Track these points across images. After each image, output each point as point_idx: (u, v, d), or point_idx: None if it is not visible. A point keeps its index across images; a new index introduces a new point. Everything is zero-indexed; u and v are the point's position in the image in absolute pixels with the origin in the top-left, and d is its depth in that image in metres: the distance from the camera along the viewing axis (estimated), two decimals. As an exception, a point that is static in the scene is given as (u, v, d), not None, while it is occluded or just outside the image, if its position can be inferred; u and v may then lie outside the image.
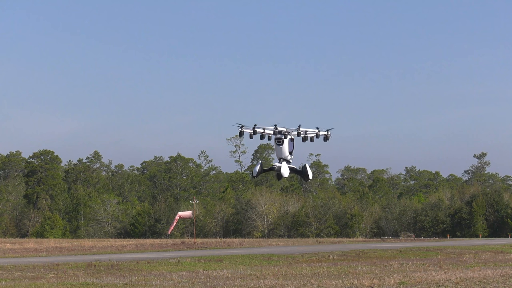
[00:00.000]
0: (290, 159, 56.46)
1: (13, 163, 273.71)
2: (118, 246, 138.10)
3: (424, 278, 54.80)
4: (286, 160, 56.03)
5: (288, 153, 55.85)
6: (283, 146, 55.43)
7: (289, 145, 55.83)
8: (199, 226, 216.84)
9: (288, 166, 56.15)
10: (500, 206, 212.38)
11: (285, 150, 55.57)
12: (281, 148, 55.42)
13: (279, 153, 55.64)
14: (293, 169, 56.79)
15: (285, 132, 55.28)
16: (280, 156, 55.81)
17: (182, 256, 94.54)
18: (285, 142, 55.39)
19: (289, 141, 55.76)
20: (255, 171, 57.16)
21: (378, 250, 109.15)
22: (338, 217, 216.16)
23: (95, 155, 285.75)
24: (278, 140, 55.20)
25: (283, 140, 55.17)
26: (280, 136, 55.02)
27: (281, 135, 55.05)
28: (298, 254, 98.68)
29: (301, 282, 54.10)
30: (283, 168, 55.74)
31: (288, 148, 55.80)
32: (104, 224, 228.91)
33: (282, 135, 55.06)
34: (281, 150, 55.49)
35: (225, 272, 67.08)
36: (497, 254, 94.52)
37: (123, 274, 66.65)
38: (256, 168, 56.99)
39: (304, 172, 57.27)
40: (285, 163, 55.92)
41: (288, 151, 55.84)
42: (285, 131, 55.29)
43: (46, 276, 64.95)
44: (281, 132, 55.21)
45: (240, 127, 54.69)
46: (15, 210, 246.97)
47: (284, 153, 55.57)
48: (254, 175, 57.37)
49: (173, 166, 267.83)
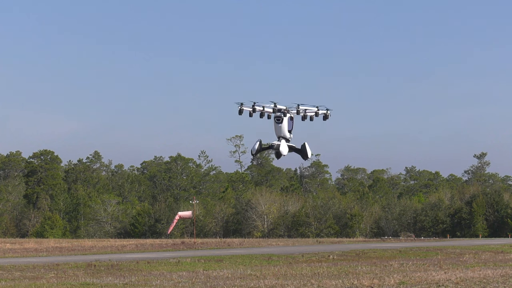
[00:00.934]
0: (290, 138, 56.40)
1: (13, 163, 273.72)
2: (118, 246, 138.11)
3: (424, 278, 54.80)
4: (285, 138, 55.99)
5: (288, 132, 55.80)
6: (282, 124, 55.30)
7: (289, 124, 55.70)
8: (199, 226, 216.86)
9: (287, 144, 56.10)
10: (500, 206, 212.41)
11: (285, 128, 55.45)
12: (280, 126, 55.31)
13: (278, 131, 55.53)
14: (292, 147, 56.66)
15: (285, 110, 55.20)
16: (279, 135, 55.73)
17: (182, 256, 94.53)
18: (285, 120, 55.25)
19: (289, 120, 55.65)
20: (254, 148, 56.98)
21: (378, 250, 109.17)
22: (338, 217, 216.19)
23: (95, 155, 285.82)
24: (278, 119, 55.09)
25: (283, 118, 55.05)
26: (280, 114, 54.93)
27: (281, 113, 55.02)
28: (298, 254, 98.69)
29: (301, 282, 54.10)
30: (282, 146, 55.63)
31: (288, 126, 55.68)
32: (104, 224, 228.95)
33: (282, 113, 55.01)
34: (280, 129, 55.39)
35: (225, 272, 67.09)
36: (497, 254, 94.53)
37: (123, 274, 66.66)
38: (255, 145, 56.81)
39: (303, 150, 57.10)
40: (284, 141, 55.86)
41: (288, 130, 55.78)
42: (285, 109, 55.20)
43: (46, 276, 64.96)
44: (281, 110, 55.17)
45: (240, 105, 54.69)
46: (15, 210, 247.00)
47: (283, 131, 55.47)
48: (253, 153, 57.15)
49: (173, 166, 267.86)
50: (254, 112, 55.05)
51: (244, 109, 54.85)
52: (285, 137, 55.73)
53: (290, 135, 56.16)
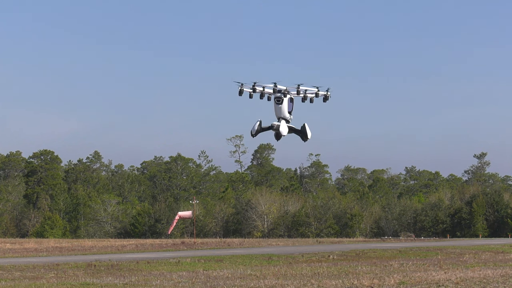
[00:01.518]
0: (289, 119, 56.34)
1: (13, 163, 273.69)
2: (118, 246, 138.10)
3: (424, 278, 54.80)
4: (285, 119, 55.96)
5: (288, 113, 55.78)
6: (282, 105, 55.23)
7: (289, 105, 55.67)
8: (199, 226, 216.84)
9: (287, 125, 56.09)
10: (500, 206, 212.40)
11: (285, 109, 55.40)
12: (280, 107, 55.26)
13: (278, 112, 55.48)
14: (292, 128, 56.59)
15: (285, 91, 55.17)
16: (279, 116, 55.66)
17: (182, 256, 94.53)
18: (285, 101, 55.22)
19: (289, 101, 55.63)
20: (254, 129, 56.85)
21: (378, 250, 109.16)
22: (338, 217, 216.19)
23: (95, 155, 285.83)
24: (278, 99, 55.03)
25: (283, 99, 55.04)
26: (280, 95, 54.92)
27: (281, 94, 55.00)
28: (298, 254, 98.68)
29: (301, 282, 54.10)
30: (282, 126, 55.58)
31: (288, 107, 55.66)
32: (104, 224, 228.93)
33: (282, 94, 54.99)
34: (280, 110, 55.34)
35: (225, 272, 67.08)
36: (497, 254, 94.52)
37: (123, 274, 66.65)
38: (255, 126, 56.70)
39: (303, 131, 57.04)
40: (284, 122, 55.84)
41: (288, 111, 55.76)
42: (285, 90, 55.18)
43: (46, 276, 64.95)
44: (281, 91, 55.16)
45: (240, 86, 54.66)
46: (15, 210, 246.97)
47: (283, 112, 55.42)
48: (253, 134, 57.06)
49: (173, 166, 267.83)
50: (254, 92, 54.98)
51: (244, 89, 54.85)
52: (285, 118, 55.74)
53: (290, 116, 56.15)
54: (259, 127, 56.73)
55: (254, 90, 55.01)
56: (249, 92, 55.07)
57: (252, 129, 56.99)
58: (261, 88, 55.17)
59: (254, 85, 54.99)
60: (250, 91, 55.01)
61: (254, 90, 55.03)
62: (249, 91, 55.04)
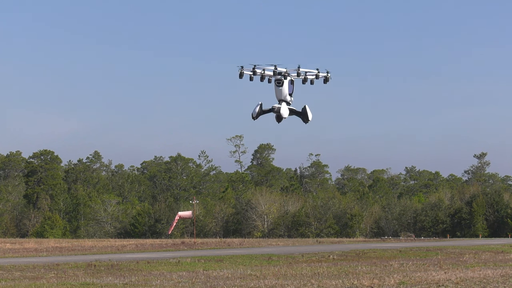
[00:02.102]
0: (290, 101, 56.16)
1: (13, 163, 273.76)
2: (118, 246, 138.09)
3: (424, 278, 54.79)
4: (286, 101, 55.80)
5: (288, 95, 55.62)
6: (283, 87, 55.11)
7: (289, 87, 55.51)
8: (199, 226, 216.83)
9: (287, 107, 55.94)
10: (500, 206, 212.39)
11: (285, 91, 55.27)
12: (280, 89, 55.15)
13: (279, 94, 55.37)
14: (292, 110, 56.47)
15: (285, 73, 55.01)
16: (279, 98, 55.54)
17: (182, 256, 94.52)
18: (285, 83, 55.08)
19: (289, 83, 55.46)
20: (255, 112, 56.69)
21: (378, 250, 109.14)
22: (338, 217, 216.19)
23: (95, 155, 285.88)
24: (278, 81, 54.91)
25: (283, 81, 54.92)
26: (280, 77, 54.79)
27: (281, 76, 54.86)
28: (298, 254, 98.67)
29: (301, 282, 54.09)
30: (282, 108, 55.46)
31: (288, 89, 55.51)
32: (104, 224, 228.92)
33: (282, 76, 54.85)
34: (280, 92, 55.23)
35: (225, 272, 67.07)
36: (497, 254, 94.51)
37: (123, 274, 66.64)
38: (256, 109, 56.57)
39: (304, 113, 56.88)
40: (285, 104, 55.68)
41: (288, 93, 55.60)
42: (285, 72, 55.01)
43: (46, 276, 64.95)
44: (281, 73, 55.01)
45: (240, 68, 54.54)
46: (15, 210, 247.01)
47: (283, 94, 55.31)
48: (254, 116, 56.88)
49: (173, 166, 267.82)
50: (254, 75, 54.81)
51: (245, 72, 54.67)
52: (286, 100, 55.60)
53: (291, 98, 56.02)
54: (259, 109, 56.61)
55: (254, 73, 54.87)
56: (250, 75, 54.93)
57: (253, 111, 56.83)
58: (262, 71, 55.04)
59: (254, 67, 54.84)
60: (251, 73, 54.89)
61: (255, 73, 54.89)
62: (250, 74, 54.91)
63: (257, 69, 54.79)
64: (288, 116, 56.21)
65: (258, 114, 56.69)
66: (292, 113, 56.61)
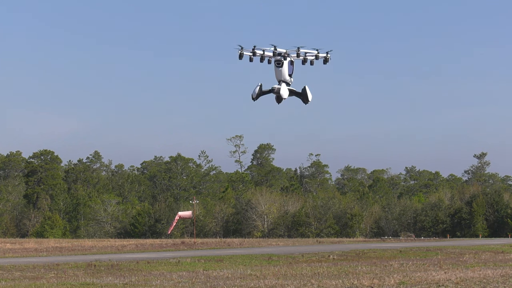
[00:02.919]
0: (290, 82, 56.15)
1: (13, 163, 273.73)
2: (118, 246, 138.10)
3: (424, 278, 54.79)
4: (286, 82, 55.78)
5: (288, 76, 55.58)
6: (282, 68, 55.03)
7: (289, 68, 55.45)
8: (199, 226, 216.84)
9: (287, 88, 55.91)
10: (500, 206, 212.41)
11: (285, 72, 55.22)
12: (280, 70, 55.07)
13: (279, 75, 55.31)
14: (292, 91, 56.41)
15: (285, 54, 54.94)
16: (279, 79, 55.48)
17: (182, 256, 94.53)
18: (285, 64, 55.01)
19: (289, 64, 55.40)
20: (254, 92, 56.61)
21: (378, 250, 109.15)
22: (338, 217, 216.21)
23: (95, 155, 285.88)
24: (278, 62, 54.83)
25: (283, 62, 54.84)
26: (280, 58, 54.72)
27: (281, 57, 54.80)
28: (298, 254, 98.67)
29: (301, 282, 54.09)
30: (282, 89, 55.42)
31: (288, 70, 55.46)
32: (104, 224, 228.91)
33: (282, 57, 54.79)
34: (280, 73, 55.16)
35: (225, 272, 67.07)
36: (497, 254, 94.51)
37: (123, 274, 66.64)
38: (255, 90, 56.48)
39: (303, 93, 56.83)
40: (285, 85, 55.65)
41: (288, 74, 55.56)
42: (285, 53, 54.93)
43: (46, 276, 64.95)
44: (281, 54, 54.94)
45: (240, 49, 54.43)
46: (15, 210, 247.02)
47: (283, 75, 55.26)
48: (254, 97, 56.79)
49: (173, 166, 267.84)
50: (254, 56, 54.68)
51: (244, 53, 54.55)
52: (286, 81, 55.56)
53: (291, 79, 55.96)
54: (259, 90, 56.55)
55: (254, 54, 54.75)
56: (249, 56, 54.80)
57: (253, 92, 56.71)
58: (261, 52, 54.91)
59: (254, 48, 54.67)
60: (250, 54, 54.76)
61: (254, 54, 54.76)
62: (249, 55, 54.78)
63: (256, 50, 54.67)
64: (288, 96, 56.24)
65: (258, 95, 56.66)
66: (292, 94, 56.62)
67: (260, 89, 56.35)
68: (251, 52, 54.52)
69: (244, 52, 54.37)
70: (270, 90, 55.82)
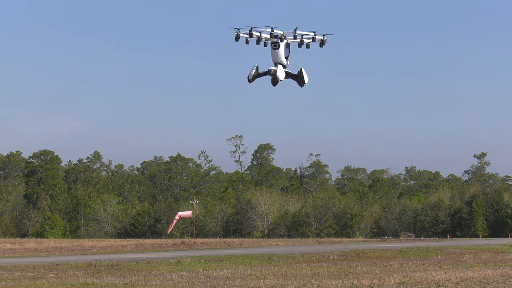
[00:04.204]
0: (286, 64, 56.24)
1: (13, 163, 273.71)
2: (118, 246, 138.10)
3: (424, 278, 54.79)
4: (282, 64, 55.88)
5: (284, 58, 55.69)
6: (279, 50, 55.11)
7: (285, 50, 55.56)
8: (199, 226, 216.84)
9: (283, 70, 56.02)
10: (500, 206, 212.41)
11: (281, 54, 55.33)
12: (277, 52, 55.15)
13: (275, 57, 55.40)
14: (288, 73, 56.47)
15: (282, 36, 55.03)
16: (276, 61, 55.56)
17: (182, 256, 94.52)
18: (281, 46, 55.12)
19: (285, 46, 55.49)
20: (251, 74, 56.61)
21: (378, 250, 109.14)
22: (338, 217, 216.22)
23: (95, 155, 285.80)
24: (275, 44, 54.94)
25: (279, 44, 54.95)
26: (277, 40, 54.83)
27: (278, 39, 54.92)
28: (298, 254, 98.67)
29: (301, 282, 54.10)
30: (278, 71, 55.53)
31: (284, 53, 55.57)
32: (104, 224, 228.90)
33: (279, 39, 54.90)
34: (277, 54, 55.26)
35: (225, 272, 67.07)
36: (497, 254, 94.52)
37: (123, 274, 66.65)
38: (252, 71, 56.49)
39: (300, 76, 56.93)
40: (281, 67, 55.78)
41: (284, 56, 55.67)
42: (282, 35, 55.03)
43: (46, 276, 64.95)
44: (278, 36, 55.06)
45: (237, 31, 54.40)
46: (15, 210, 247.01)
47: (280, 57, 55.37)
48: (250, 79, 56.82)
49: (173, 166, 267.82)
50: (250, 37, 54.62)
51: (241, 35, 54.49)
52: (282, 63, 55.65)
53: (287, 61, 56.03)
54: (256, 72, 56.61)
55: (250, 35, 54.65)
56: (246, 38, 54.77)
57: (249, 74, 56.73)
58: (258, 33, 54.85)
59: (250, 30, 54.61)
60: (247, 36, 54.71)
61: (251, 35, 54.67)
62: (246, 37, 54.75)
63: (253, 32, 54.62)
64: (284, 79, 56.38)
65: (254, 76, 56.69)
66: (288, 76, 56.71)
67: (256, 71, 56.48)
68: (247, 33, 54.51)
69: (240, 34, 54.33)
70: (266, 72, 56.00)
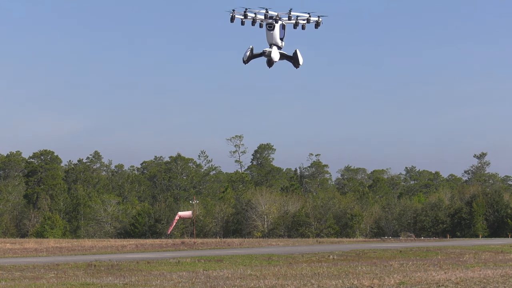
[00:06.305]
0: (281, 45, 56.29)
1: (13, 163, 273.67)
2: (118, 246, 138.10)
3: (424, 278, 54.81)
4: (277, 46, 55.93)
5: (279, 39, 55.74)
6: (274, 31, 55.18)
7: (280, 32, 55.60)
8: (199, 226, 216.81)
9: (278, 51, 56.07)
10: (500, 206, 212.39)
11: (276, 35, 55.39)
12: (272, 33, 55.22)
13: (270, 38, 55.46)
14: (283, 54, 56.53)
15: (276, 17, 55.07)
16: (271, 42, 55.63)
17: (182, 256, 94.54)
18: (276, 27, 55.18)
19: (280, 27, 55.54)
20: (246, 55, 56.67)
21: (378, 250, 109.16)
22: (338, 217, 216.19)
23: (95, 155, 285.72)
24: (270, 26, 55.00)
25: (274, 25, 55.00)
26: (272, 21, 54.88)
27: (273, 20, 54.96)
28: (298, 254, 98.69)
29: (301, 282, 54.11)
30: (273, 52, 55.61)
31: (279, 34, 55.63)
32: (104, 224, 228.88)
33: (274, 20, 54.94)
34: (272, 36, 55.32)
35: (225, 272, 67.08)
36: (497, 254, 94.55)
37: (123, 274, 66.65)
38: (247, 53, 56.55)
39: (294, 57, 57.01)
40: (276, 48, 55.83)
41: (279, 37, 55.72)
42: (276, 16, 55.08)
43: (46, 276, 64.96)
44: (273, 17, 55.10)
45: (232, 12, 54.41)
46: (15, 210, 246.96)
47: (275, 38, 55.42)
48: (245, 60, 56.85)
49: (173, 166, 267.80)
50: (245, 19, 54.62)
51: (236, 16, 54.51)
52: (277, 45, 55.74)
53: (282, 43, 56.11)
54: (250, 53, 56.70)
55: (245, 17, 54.68)
56: (241, 19, 54.77)
57: (244, 55, 56.80)
58: (253, 15, 54.90)
59: (245, 11, 54.61)
60: (242, 17, 54.73)
61: (246, 17, 54.69)
62: (241, 18, 54.77)
63: (248, 13, 54.62)
64: (278, 60, 56.46)
65: (249, 58, 56.80)
66: (283, 57, 56.82)
67: (251, 52, 56.56)
68: (242, 15, 54.51)
69: (235, 15, 54.35)
70: (261, 53, 56.10)
